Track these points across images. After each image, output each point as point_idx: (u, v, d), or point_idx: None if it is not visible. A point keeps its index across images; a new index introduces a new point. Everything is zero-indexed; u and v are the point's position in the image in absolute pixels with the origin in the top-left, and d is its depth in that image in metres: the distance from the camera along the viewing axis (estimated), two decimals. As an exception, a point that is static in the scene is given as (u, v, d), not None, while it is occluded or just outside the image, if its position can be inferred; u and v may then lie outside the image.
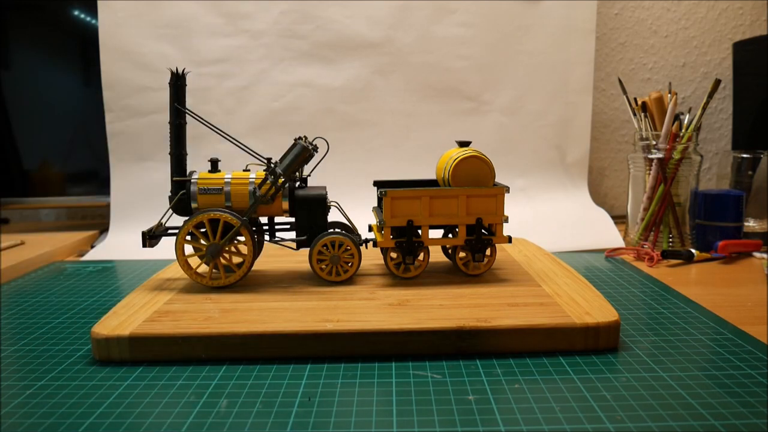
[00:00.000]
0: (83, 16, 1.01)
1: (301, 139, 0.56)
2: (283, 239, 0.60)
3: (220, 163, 0.58)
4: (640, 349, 0.46)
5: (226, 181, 0.56)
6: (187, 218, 0.55)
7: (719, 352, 0.45)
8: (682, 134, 0.80)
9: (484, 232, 0.58)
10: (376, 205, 0.64)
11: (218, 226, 0.54)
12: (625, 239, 0.87)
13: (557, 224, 0.94)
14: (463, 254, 0.59)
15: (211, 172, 0.57)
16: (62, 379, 0.41)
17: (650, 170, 0.83)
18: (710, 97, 0.80)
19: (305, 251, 0.59)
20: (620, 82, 0.90)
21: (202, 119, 0.56)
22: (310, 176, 0.60)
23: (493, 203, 0.57)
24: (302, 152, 0.55)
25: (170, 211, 0.57)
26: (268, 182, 0.55)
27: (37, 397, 0.39)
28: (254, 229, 0.59)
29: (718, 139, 1.15)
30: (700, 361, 0.44)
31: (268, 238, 0.61)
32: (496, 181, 0.58)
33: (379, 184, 0.62)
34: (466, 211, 0.56)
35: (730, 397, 0.38)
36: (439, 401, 0.37)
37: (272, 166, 0.55)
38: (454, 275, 0.60)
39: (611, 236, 0.89)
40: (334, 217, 0.60)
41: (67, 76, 1.04)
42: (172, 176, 0.57)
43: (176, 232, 0.55)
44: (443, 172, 0.59)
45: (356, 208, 0.68)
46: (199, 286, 0.56)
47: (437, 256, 0.67)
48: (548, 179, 1.05)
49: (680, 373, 0.41)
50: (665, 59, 1.11)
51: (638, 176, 0.86)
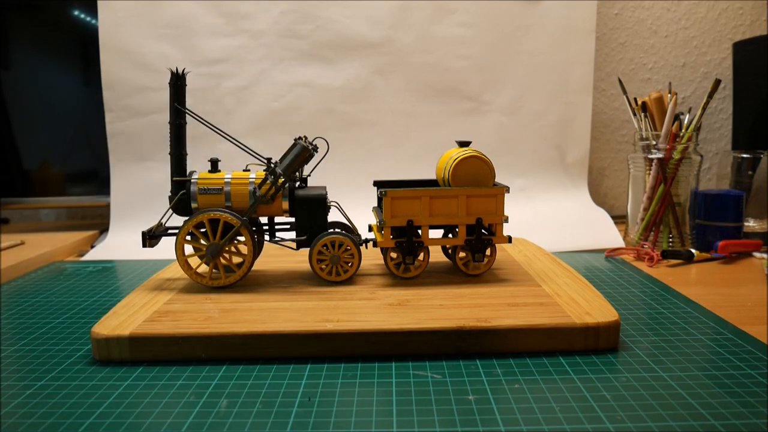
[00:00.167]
0: (83, 16, 1.01)
1: (301, 139, 0.56)
2: (283, 239, 0.60)
3: (220, 163, 0.58)
4: (640, 349, 0.46)
5: (226, 181, 0.56)
6: (187, 218, 0.55)
7: (719, 352, 0.45)
8: (682, 134, 0.80)
9: (484, 232, 0.58)
10: (376, 205, 0.64)
11: (218, 226, 0.54)
12: (625, 239, 0.87)
13: (557, 224, 0.94)
14: (463, 254, 0.59)
15: (211, 172, 0.57)
16: (62, 379, 0.41)
17: (650, 170, 0.83)
18: (710, 97, 0.80)
19: (305, 251, 0.59)
20: (620, 82, 0.90)
21: (202, 119, 0.56)
22: (310, 176, 0.60)
23: (493, 203, 0.57)
24: (302, 152, 0.55)
25: (170, 211, 0.57)
26: (268, 182, 0.55)
27: (37, 397, 0.39)
28: (254, 229, 0.59)
29: (718, 139, 1.15)
30: (700, 361, 0.44)
31: (268, 238, 0.61)
32: (496, 181, 0.58)
33: (379, 184, 0.62)
34: (466, 211, 0.56)
35: (730, 397, 0.38)
36: (439, 401, 0.37)
37: (272, 166, 0.55)
38: (454, 275, 0.60)
39: (611, 236, 0.89)
40: (334, 217, 0.60)
41: (67, 76, 1.04)
42: (172, 176, 0.57)
43: (176, 232, 0.55)
44: (443, 172, 0.59)
45: (356, 208, 0.68)
46: (199, 286, 0.56)
47: (437, 256, 0.67)
48: (548, 179, 1.05)
49: (680, 373, 0.41)
50: (665, 59, 1.11)
51: (638, 176, 0.86)
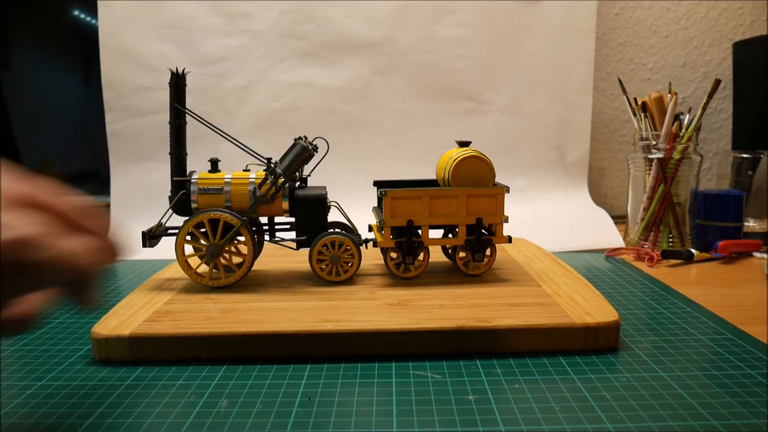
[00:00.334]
0: (83, 16, 1.01)
1: (301, 139, 0.56)
2: (283, 239, 0.60)
3: (220, 163, 0.58)
4: (640, 349, 0.46)
5: (226, 181, 0.56)
6: (187, 218, 0.55)
7: (719, 352, 0.45)
8: (682, 134, 0.80)
9: (484, 232, 0.58)
10: (376, 205, 0.64)
11: (218, 226, 0.54)
12: (625, 239, 0.87)
13: (557, 224, 0.94)
14: (463, 254, 0.59)
15: (211, 172, 0.57)
16: (62, 379, 0.41)
17: (650, 170, 0.83)
18: (710, 97, 0.80)
19: (305, 251, 0.59)
20: (620, 82, 0.90)
21: (202, 119, 0.56)
22: (310, 176, 0.60)
23: (493, 203, 0.57)
24: (302, 152, 0.55)
25: (170, 211, 0.57)
26: (268, 182, 0.55)
27: (37, 397, 0.39)
28: (254, 229, 0.59)
29: (718, 139, 1.15)
30: (700, 361, 0.44)
31: (268, 238, 0.61)
32: (496, 181, 0.58)
33: (379, 184, 0.62)
34: (466, 211, 0.56)
35: (730, 397, 0.38)
36: (439, 401, 0.37)
37: (272, 166, 0.55)
38: (454, 275, 0.60)
39: (611, 236, 0.89)
40: (334, 217, 0.60)
41: (67, 76, 1.04)
42: (172, 176, 0.57)
43: (176, 232, 0.55)
44: (443, 172, 0.59)
45: (356, 208, 0.68)
46: (199, 286, 0.56)
47: (437, 256, 0.67)
48: (548, 179, 1.05)
49: (680, 373, 0.41)
50: (665, 59, 1.11)
51: (638, 176, 0.86)
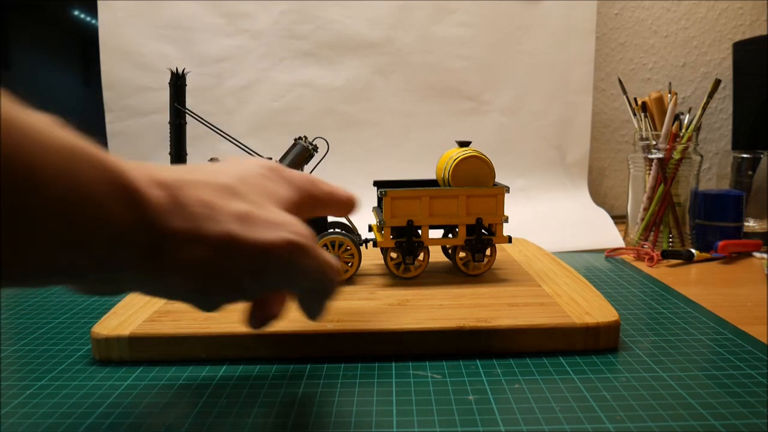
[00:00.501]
0: (83, 16, 1.01)
1: (301, 139, 0.56)
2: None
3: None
4: (640, 349, 0.46)
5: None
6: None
7: (719, 352, 0.45)
8: (682, 134, 0.80)
9: (484, 232, 0.58)
10: (376, 205, 0.64)
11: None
12: (625, 239, 0.87)
13: (557, 224, 0.94)
14: (463, 254, 0.59)
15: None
16: (62, 379, 0.41)
17: (650, 170, 0.83)
18: (710, 97, 0.80)
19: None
20: (620, 82, 0.90)
21: (202, 119, 0.56)
22: (310, 176, 0.60)
23: (493, 203, 0.57)
24: (302, 152, 0.55)
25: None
26: (268, 182, 0.55)
27: (37, 397, 0.39)
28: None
29: (718, 139, 1.15)
30: (700, 361, 0.44)
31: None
32: (496, 181, 0.58)
33: (379, 184, 0.62)
34: (466, 211, 0.56)
35: (730, 397, 0.38)
36: (439, 401, 0.37)
37: (272, 166, 0.55)
38: (454, 275, 0.60)
39: (611, 236, 0.89)
40: (334, 217, 0.60)
41: (67, 76, 1.04)
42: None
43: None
44: (443, 172, 0.59)
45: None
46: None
47: (437, 256, 0.67)
48: (548, 179, 1.05)
49: (680, 373, 0.41)
50: (665, 59, 1.11)
51: (638, 176, 0.86)
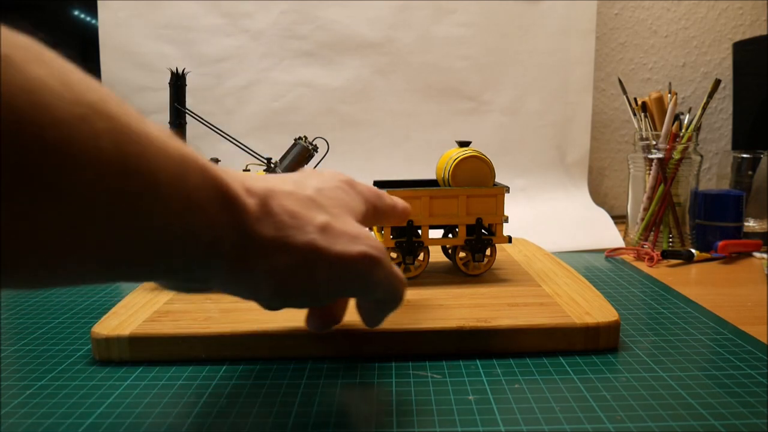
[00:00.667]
0: (83, 16, 1.01)
1: (301, 139, 0.56)
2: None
3: (220, 163, 0.58)
4: (640, 349, 0.46)
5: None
6: None
7: (719, 352, 0.45)
8: (682, 134, 0.80)
9: (484, 232, 0.58)
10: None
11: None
12: (625, 239, 0.87)
13: (557, 224, 0.94)
14: (463, 254, 0.59)
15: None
16: (62, 379, 0.41)
17: (650, 170, 0.83)
18: (710, 97, 0.80)
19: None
20: (620, 82, 0.90)
21: (202, 119, 0.56)
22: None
23: (493, 203, 0.57)
24: (302, 152, 0.55)
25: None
26: (268, 182, 0.55)
27: (37, 397, 0.39)
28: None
29: (718, 139, 1.15)
30: (700, 361, 0.44)
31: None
32: (496, 181, 0.58)
33: (379, 184, 0.62)
34: (466, 211, 0.56)
35: (730, 397, 0.38)
36: (439, 401, 0.37)
37: (272, 166, 0.55)
38: (454, 275, 0.60)
39: (611, 236, 0.89)
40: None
41: (67, 76, 1.04)
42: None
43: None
44: (443, 172, 0.59)
45: (356, 208, 0.68)
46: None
47: (437, 256, 0.67)
48: (548, 179, 1.05)
49: (680, 373, 0.41)
50: (665, 59, 1.11)
51: (638, 176, 0.86)
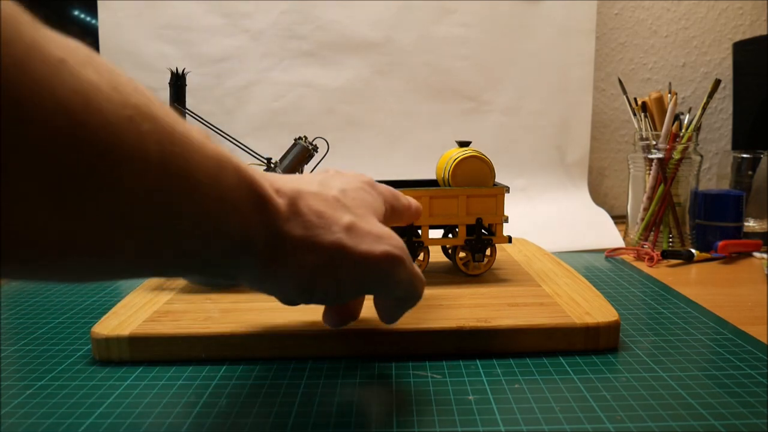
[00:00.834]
0: (83, 16, 1.01)
1: (301, 139, 0.56)
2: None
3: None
4: (640, 349, 0.46)
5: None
6: None
7: (719, 352, 0.45)
8: (682, 134, 0.80)
9: (484, 232, 0.58)
10: (376, 205, 0.64)
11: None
12: (625, 239, 0.87)
13: (557, 224, 0.94)
14: (463, 254, 0.59)
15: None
16: (62, 379, 0.41)
17: (650, 170, 0.83)
18: (710, 97, 0.80)
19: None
20: (620, 82, 0.90)
21: (202, 119, 0.56)
22: (310, 176, 0.60)
23: (493, 203, 0.57)
24: (302, 152, 0.55)
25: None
26: (268, 182, 0.55)
27: (37, 397, 0.39)
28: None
29: (718, 139, 1.15)
30: (700, 361, 0.44)
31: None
32: (496, 181, 0.58)
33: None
34: (466, 211, 0.56)
35: (730, 397, 0.38)
36: (439, 401, 0.37)
37: (272, 166, 0.55)
38: (454, 275, 0.60)
39: (611, 236, 0.89)
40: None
41: (67, 76, 1.04)
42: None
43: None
44: (443, 172, 0.59)
45: (356, 208, 0.68)
46: (199, 286, 0.56)
47: (437, 256, 0.67)
48: (548, 179, 1.05)
49: (680, 373, 0.41)
50: (665, 59, 1.11)
51: (638, 176, 0.86)
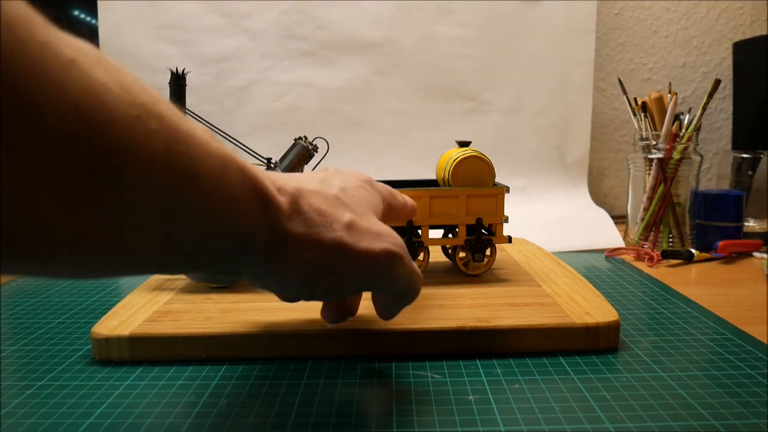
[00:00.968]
0: (83, 16, 1.01)
1: (301, 139, 0.56)
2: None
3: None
4: (640, 349, 0.46)
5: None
6: None
7: (719, 352, 0.45)
8: (682, 134, 0.80)
9: (484, 232, 0.58)
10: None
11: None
12: (625, 239, 0.87)
13: (557, 224, 0.94)
14: (463, 254, 0.59)
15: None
16: (62, 379, 0.41)
17: (650, 170, 0.83)
18: (710, 97, 0.80)
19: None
20: (620, 82, 0.90)
21: (202, 119, 0.56)
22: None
23: (493, 203, 0.57)
24: (302, 152, 0.55)
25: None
26: (268, 182, 0.55)
27: (37, 397, 0.39)
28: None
29: (718, 139, 1.15)
30: (700, 361, 0.44)
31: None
32: (496, 181, 0.58)
33: (379, 184, 0.62)
34: (466, 211, 0.56)
35: (730, 397, 0.38)
36: (439, 401, 0.37)
37: (272, 166, 0.55)
38: (454, 275, 0.60)
39: (611, 236, 0.89)
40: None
41: (67, 76, 1.04)
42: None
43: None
44: (443, 172, 0.59)
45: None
46: (199, 286, 0.56)
47: (437, 256, 0.67)
48: (548, 179, 1.05)
49: (680, 373, 0.41)
50: (665, 59, 1.11)
51: (638, 176, 0.86)
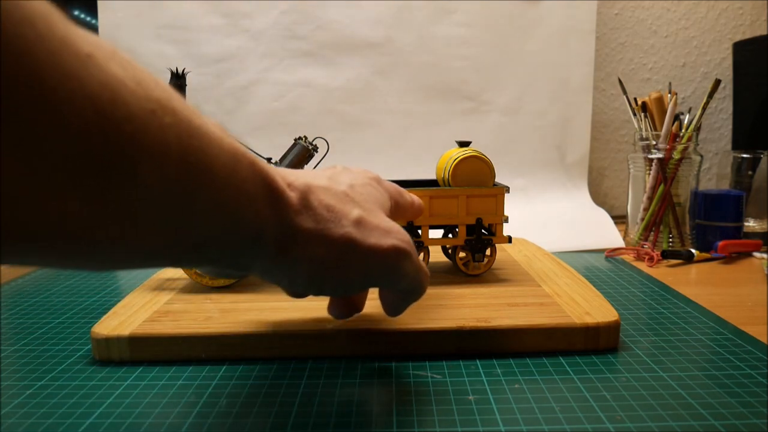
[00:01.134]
0: (83, 16, 1.01)
1: (301, 139, 0.56)
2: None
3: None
4: (640, 349, 0.46)
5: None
6: None
7: (719, 352, 0.45)
8: (682, 134, 0.80)
9: (484, 232, 0.58)
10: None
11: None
12: (625, 239, 0.87)
13: (557, 224, 0.94)
14: (463, 254, 0.59)
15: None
16: (62, 379, 0.41)
17: (650, 170, 0.83)
18: (710, 97, 0.80)
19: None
20: (620, 82, 0.90)
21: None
22: (310, 176, 0.60)
23: (493, 203, 0.57)
24: (302, 152, 0.55)
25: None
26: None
27: (37, 397, 0.39)
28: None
29: (718, 139, 1.15)
30: (700, 361, 0.44)
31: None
32: (496, 181, 0.58)
33: (379, 184, 0.62)
34: (466, 211, 0.56)
35: (730, 397, 0.38)
36: (439, 401, 0.37)
37: (272, 165, 0.55)
38: (454, 275, 0.60)
39: (611, 236, 0.89)
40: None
41: (67, 76, 1.04)
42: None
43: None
44: (443, 172, 0.59)
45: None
46: (199, 286, 0.56)
47: (437, 256, 0.67)
48: (548, 179, 1.05)
49: (680, 373, 0.41)
50: (665, 59, 1.11)
51: (638, 176, 0.86)
